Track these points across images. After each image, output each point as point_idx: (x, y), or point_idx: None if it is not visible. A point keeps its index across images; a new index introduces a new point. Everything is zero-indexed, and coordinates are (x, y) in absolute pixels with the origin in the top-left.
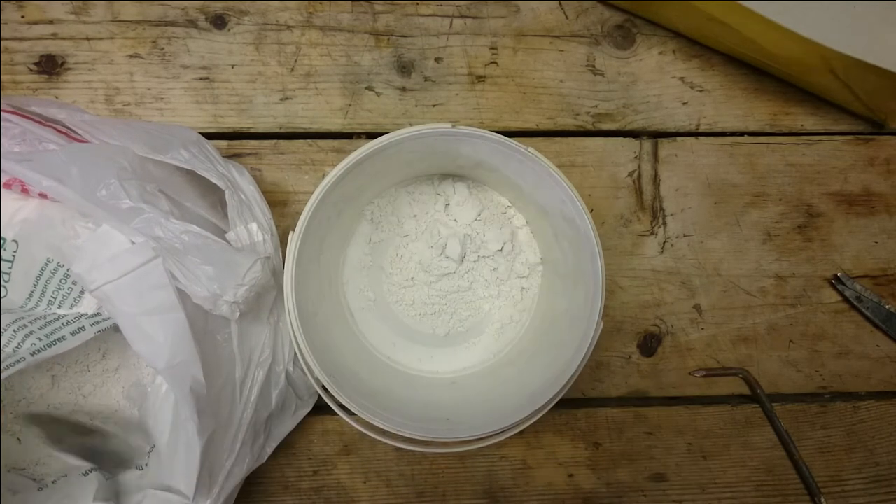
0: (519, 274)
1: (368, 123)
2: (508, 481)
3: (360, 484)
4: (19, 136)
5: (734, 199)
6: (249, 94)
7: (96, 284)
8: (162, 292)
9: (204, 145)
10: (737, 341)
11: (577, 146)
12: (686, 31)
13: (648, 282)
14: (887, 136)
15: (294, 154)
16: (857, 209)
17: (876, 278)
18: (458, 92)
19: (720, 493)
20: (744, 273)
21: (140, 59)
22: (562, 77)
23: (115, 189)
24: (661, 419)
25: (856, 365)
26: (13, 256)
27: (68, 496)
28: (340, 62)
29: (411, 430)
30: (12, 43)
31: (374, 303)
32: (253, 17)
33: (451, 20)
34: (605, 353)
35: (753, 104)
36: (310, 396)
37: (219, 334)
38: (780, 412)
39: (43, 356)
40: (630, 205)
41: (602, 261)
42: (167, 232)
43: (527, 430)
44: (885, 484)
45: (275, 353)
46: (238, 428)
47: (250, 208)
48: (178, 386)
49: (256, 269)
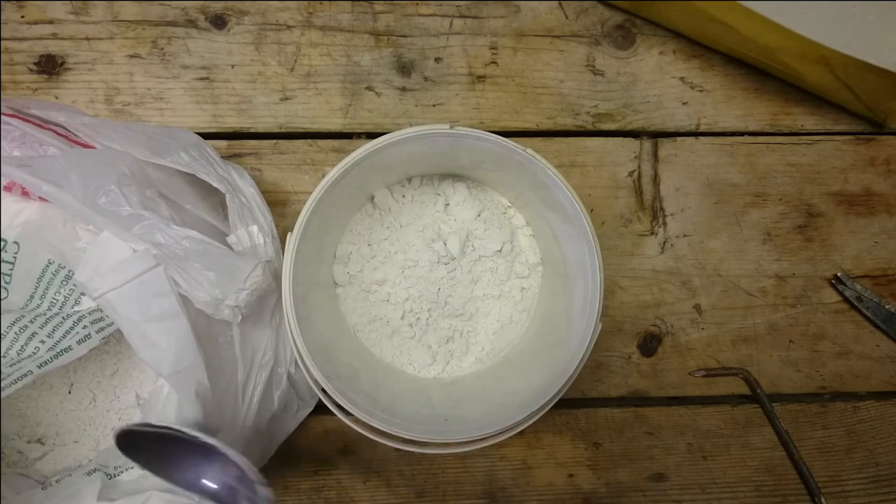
0: (519, 274)
1: (368, 123)
2: (508, 481)
3: (360, 484)
4: (19, 139)
5: (734, 199)
6: (249, 94)
7: (99, 292)
8: (164, 299)
9: (204, 148)
10: (737, 341)
11: (577, 146)
12: (686, 31)
13: (648, 282)
14: (887, 136)
15: (294, 154)
16: (858, 209)
17: (876, 278)
18: (458, 92)
19: (720, 493)
20: (744, 273)
21: (140, 59)
22: (562, 77)
23: (115, 196)
24: (661, 419)
25: (856, 365)
26: (14, 258)
27: (71, 496)
28: (340, 62)
29: (411, 431)
30: (12, 43)
31: (374, 303)
32: (253, 17)
33: (451, 20)
34: (605, 353)
35: (753, 104)
36: (311, 397)
37: (221, 337)
38: (780, 412)
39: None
40: (630, 205)
41: (601, 261)
42: (168, 238)
43: (527, 430)
44: (885, 484)
45: (277, 355)
46: (241, 429)
47: (251, 211)
48: (183, 390)
49: (257, 273)
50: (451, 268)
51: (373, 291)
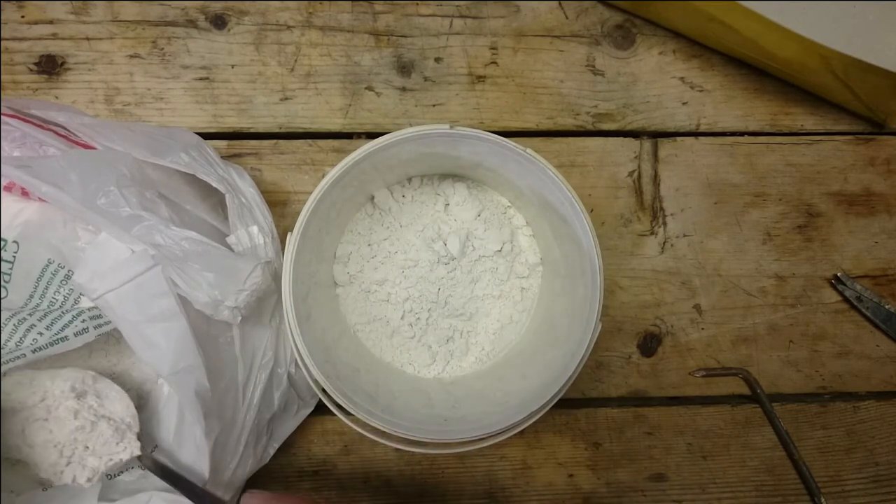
0: (519, 274)
1: (368, 123)
2: (508, 481)
3: (360, 484)
4: (19, 139)
5: (734, 199)
6: (249, 94)
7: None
8: (163, 299)
9: (204, 148)
10: (737, 341)
11: (576, 146)
12: (686, 31)
13: (648, 282)
14: (887, 136)
15: (294, 154)
16: (857, 209)
17: (876, 278)
18: (458, 92)
19: (720, 493)
20: (744, 273)
21: (140, 59)
22: (562, 77)
23: (115, 197)
24: (661, 419)
25: (856, 365)
26: (14, 257)
27: (73, 497)
28: (340, 62)
29: (410, 431)
30: (12, 43)
31: (374, 303)
32: (253, 17)
33: (451, 20)
34: (605, 353)
35: (753, 104)
36: (311, 397)
37: (221, 338)
38: (780, 412)
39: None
40: (630, 205)
41: (601, 261)
42: (167, 239)
43: (527, 430)
44: (885, 484)
45: (277, 356)
46: (241, 430)
47: (251, 211)
48: (183, 390)
49: (257, 273)
50: (451, 268)
51: (373, 291)
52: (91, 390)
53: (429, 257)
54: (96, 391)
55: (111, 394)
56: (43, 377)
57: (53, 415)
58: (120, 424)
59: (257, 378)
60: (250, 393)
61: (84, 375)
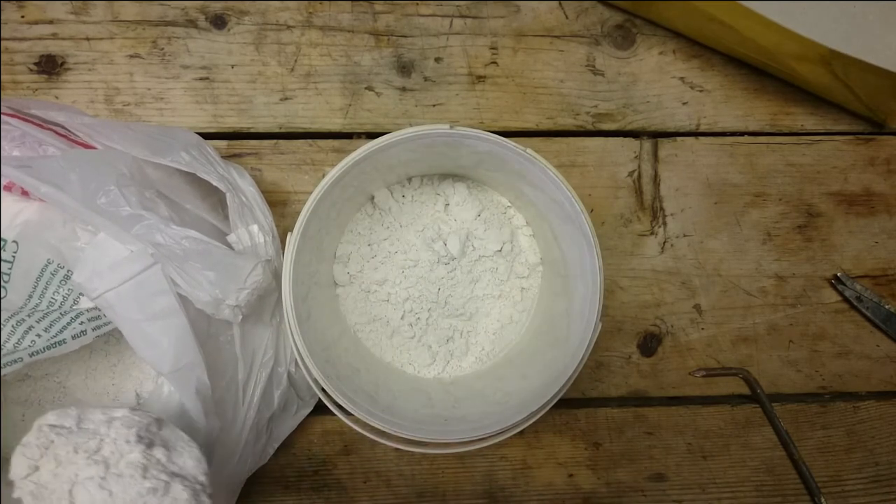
0: (519, 274)
1: (368, 123)
2: (508, 481)
3: (360, 484)
4: (19, 139)
5: (734, 199)
6: (249, 94)
7: (97, 293)
8: (163, 298)
9: (204, 148)
10: (737, 341)
11: (576, 146)
12: (686, 31)
13: (648, 282)
14: (887, 136)
15: (294, 154)
16: (857, 209)
17: (876, 278)
18: (458, 92)
19: (720, 493)
20: (744, 273)
21: (140, 59)
22: (562, 77)
23: (115, 196)
24: (661, 419)
25: (856, 365)
26: (13, 257)
27: None
28: (340, 62)
29: (410, 431)
30: (12, 43)
31: (374, 303)
32: (253, 17)
33: (451, 20)
34: (605, 353)
35: (753, 104)
36: (311, 397)
37: (221, 336)
38: (780, 412)
39: (42, 357)
40: (630, 205)
41: (601, 261)
42: (167, 238)
43: (527, 430)
44: (885, 484)
45: (277, 355)
46: (241, 428)
47: (251, 210)
48: (183, 389)
49: (257, 272)
50: (451, 268)
51: (373, 291)
52: (157, 440)
53: (429, 257)
54: (163, 440)
55: (178, 444)
56: (95, 417)
57: (113, 471)
58: (194, 485)
59: (258, 377)
60: (251, 392)
61: (148, 421)
